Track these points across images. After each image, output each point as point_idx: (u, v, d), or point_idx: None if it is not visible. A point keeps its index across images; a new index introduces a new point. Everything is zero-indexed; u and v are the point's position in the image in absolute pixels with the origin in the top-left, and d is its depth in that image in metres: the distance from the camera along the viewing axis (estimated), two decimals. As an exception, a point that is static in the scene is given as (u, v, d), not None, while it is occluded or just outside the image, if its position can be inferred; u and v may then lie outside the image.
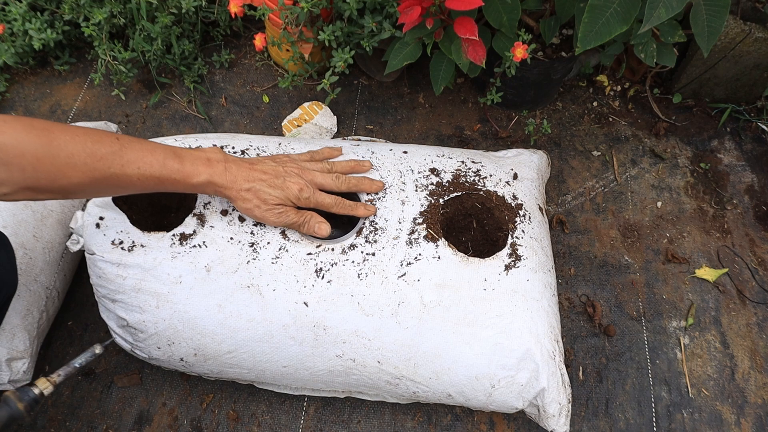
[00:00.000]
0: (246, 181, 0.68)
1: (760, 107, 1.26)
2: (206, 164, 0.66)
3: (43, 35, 1.16)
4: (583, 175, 1.18)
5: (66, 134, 0.57)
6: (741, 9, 1.13)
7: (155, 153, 0.62)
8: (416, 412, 0.90)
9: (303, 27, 1.06)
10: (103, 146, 0.59)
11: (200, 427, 0.88)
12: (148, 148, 0.62)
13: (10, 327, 0.80)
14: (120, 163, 0.60)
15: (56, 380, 0.63)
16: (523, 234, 0.81)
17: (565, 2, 0.95)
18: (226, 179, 0.67)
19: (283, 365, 0.77)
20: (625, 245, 1.09)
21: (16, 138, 0.53)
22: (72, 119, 1.20)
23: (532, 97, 1.21)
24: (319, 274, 0.74)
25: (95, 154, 0.58)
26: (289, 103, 1.24)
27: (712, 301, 1.03)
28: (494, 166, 0.89)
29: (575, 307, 1.01)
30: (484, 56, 0.93)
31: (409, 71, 1.29)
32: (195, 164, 0.65)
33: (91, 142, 0.58)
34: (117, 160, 0.59)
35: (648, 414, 0.92)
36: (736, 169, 1.20)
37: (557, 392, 0.75)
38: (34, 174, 0.55)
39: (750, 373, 0.96)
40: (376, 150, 0.88)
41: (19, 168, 0.54)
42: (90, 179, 0.58)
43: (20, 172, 0.54)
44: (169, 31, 1.19)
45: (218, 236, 0.76)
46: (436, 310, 0.74)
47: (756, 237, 1.11)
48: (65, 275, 0.92)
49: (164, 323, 0.75)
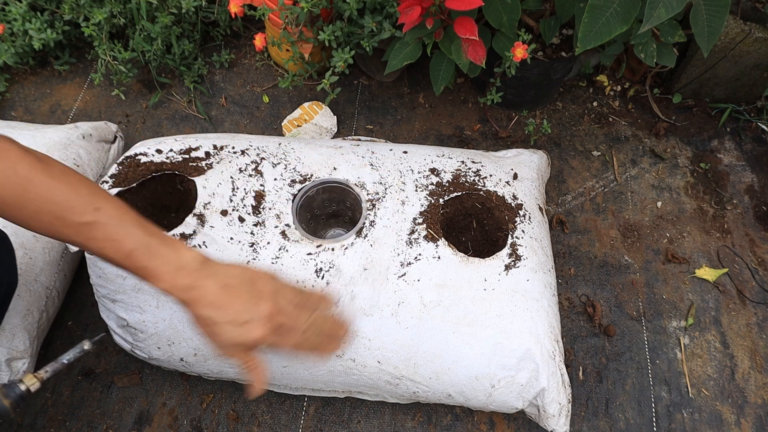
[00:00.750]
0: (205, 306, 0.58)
1: (760, 107, 1.26)
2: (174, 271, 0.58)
3: (43, 35, 1.16)
4: (583, 175, 1.18)
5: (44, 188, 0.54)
6: (741, 9, 1.13)
7: (127, 241, 0.56)
8: (416, 412, 0.90)
9: (303, 27, 1.06)
10: (76, 214, 0.55)
11: (200, 427, 0.88)
12: (123, 233, 0.56)
13: (10, 327, 0.80)
14: (86, 237, 0.56)
15: (43, 376, 0.61)
16: (523, 234, 0.81)
17: (565, 2, 0.95)
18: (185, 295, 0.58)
19: (283, 365, 0.77)
20: (625, 245, 1.09)
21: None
22: (72, 119, 1.20)
23: (532, 97, 1.21)
24: (319, 274, 0.74)
25: (63, 220, 0.55)
26: (289, 103, 1.24)
27: (712, 301, 1.03)
28: (494, 166, 0.89)
29: (575, 307, 1.01)
30: (484, 56, 0.93)
31: (409, 71, 1.29)
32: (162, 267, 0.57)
33: (66, 207, 0.54)
34: (84, 233, 0.56)
35: (648, 414, 0.92)
36: (736, 169, 1.20)
37: (557, 392, 0.75)
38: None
39: (750, 373, 0.96)
40: (376, 150, 0.88)
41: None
42: (51, 234, 0.56)
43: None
44: (169, 31, 1.19)
45: (218, 236, 0.76)
46: (436, 310, 0.74)
47: (756, 237, 1.11)
48: (65, 275, 0.92)
49: (164, 323, 0.75)
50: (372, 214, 0.80)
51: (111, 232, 0.56)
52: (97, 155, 1.01)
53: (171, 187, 0.85)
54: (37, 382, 0.61)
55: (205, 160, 0.83)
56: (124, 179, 0.80)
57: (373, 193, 0.82)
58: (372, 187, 0.83)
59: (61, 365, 0.63)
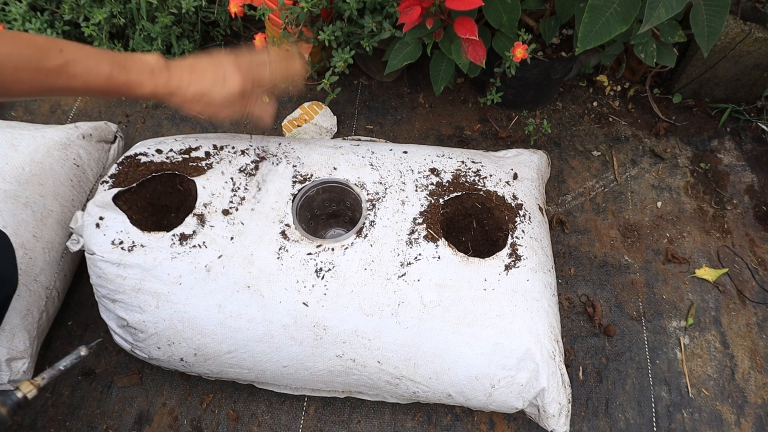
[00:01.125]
0: (189, 86, 0.70)
1: (760, 107, 1.26)
2: (150, 75, 0.67)
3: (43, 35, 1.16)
4: (583, 175, 1.18)
5: (10, 46, 0.57)
6: (741, 9, 1.13)
7: (101, 66, 0.63)
8: (416, 412, 0.90)
9: (303, 27, 1.06)
10: (49, 60, 0.59)
11: (200, 427, 0.88)
12: (93, 61, 0.63)
13: (10, 327, 0.80)
14: (66, 77, 0.61)
15: (40, 383, 0.62)
16: (523, 234, 0.81)
17: (565, 2, 0.95)
18: (169, 88, 0.69)
19: (283, 365, 0.77)
20: (625, 245, 1.09)
21: None
22: (72, 119, 1.20)
23: (532, 97, 1.21)
24: (319, 275, 0.74)
25: (41, 69, 0.59)
26: (289, 103, 1.24)
27: (712, 301, 1.03)
28: (494, 166, 0.89)
29: (575, 307, 1.01)
30: (484, 56, 0.93)
31: (409, 71, 1.29)
32: (140, 75, 0.66)
33: (37, 58, 0.58)
34: (63, 74, 0.60)
35: (648, 414, 0.92)
36: (736, 169, 1.20)
37: (557, 392, 0.75)
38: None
39: (750, 373, 0.96)
40: (376, 150, 0.88)
41: None
42: (35, 91, 0.60)
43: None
44: (169, 31, 1.19)
45: (218, 236, 0.76)
46: (436, 310, 0.74)
47: (756, 237, 1.11)
48: (65, 275, 0.92)
49: (164, 323, 0.75)
50: (372, 214, 0.80)
51: (85, 65, 0.62)
52: (97, 155, 1.01)
53: (171, 187, 0.85)
54: (34, 389, 0.61)
55: (205, 160, 0.83)
56: (124, 179, 0.80)
57: (373, 193, 0.82)
58: (372, 187, 0.83)
59: (57, 372, 0.64)
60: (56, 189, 0.91)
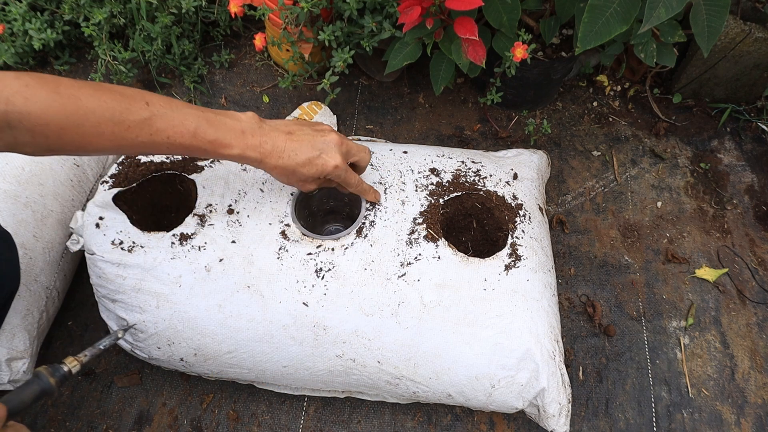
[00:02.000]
0: (280, 156, 0.64)
1: (760, 107, 1.26)
2: (240, 135, 0.62)
3: (43, 35, 1.16)
4: (583, 175, 1.18)
5: (93, 100, 0.54)
6: (741, 9, 1.13)
7: (187, 121, 0.59)
8: (416, 412, 0.90)
9: (303, 27, 1.06)
10: (132, 113, 0.56)
11: (200, 427, 0.88)
12: (179, 116, 0.59)
13: (10, 327, 0.80)
14: (149, 132, 0.57)
15: (83, 360, 0.66)
16: (523, 234, 0.81)
17: (565, 2, 0.95)
18: (259, 153, 0.63)
19: (283, 365, 0.77)
20: (625, 245, 1.09)
21: (40, 107, 0.51)
22: (72, 119, 1.20)
23: (532, 97, 1.21)
24: (319, 275, 0.74)
25: (123, 123, 0.55)
26: (289, 103, 1.24)
27: (712, 301, 1.03)
28: (494, 166, 0.89)
29: (575, 307, 1.01)
30: (484, 56, 0.93)
31: (409, 71, 1.29)
32: (229, 134, 0.61)
33: (120, 111, 0.55)
34: (146, 129, 0.57)
35: (648, 414, 0.92)
36: (736, 169, 1.20)
37: (557, 392, 0.75)
38: (59, 141, 0.53)
39: (750, 373, 0.96)
40: (376, 150, 0.88)
41: (43, 135, 0.52)
42: (116, 146, 0.57)
43: (44, 138, 0.52)
44: (169, 31, 1.19)
45: (218, 236, 0.76)
46: (436, 310, 0.74)
47: (756, 237, 1.11)
48: (65, 275, 0.92)
49: (164, 323, 0.75)
50: (372, 213, 0.80)
51: (170, 119, 0.58)
52: (97, 155, 1.01)
53: (171, 187, 0.85)
54: (78, 364, 0.66)
55: (205, 160, 0.83)
56: (124, 179, 0.80)
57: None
58: (372, 187, 0.82)
59: (98, 350, 0.69)
60: (56, 189, 0.91)
